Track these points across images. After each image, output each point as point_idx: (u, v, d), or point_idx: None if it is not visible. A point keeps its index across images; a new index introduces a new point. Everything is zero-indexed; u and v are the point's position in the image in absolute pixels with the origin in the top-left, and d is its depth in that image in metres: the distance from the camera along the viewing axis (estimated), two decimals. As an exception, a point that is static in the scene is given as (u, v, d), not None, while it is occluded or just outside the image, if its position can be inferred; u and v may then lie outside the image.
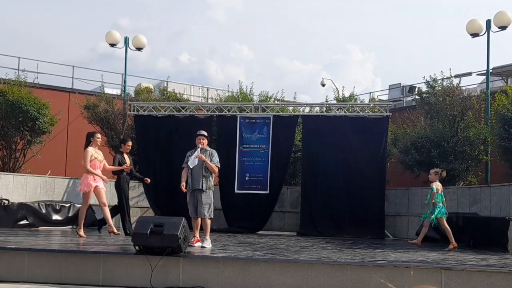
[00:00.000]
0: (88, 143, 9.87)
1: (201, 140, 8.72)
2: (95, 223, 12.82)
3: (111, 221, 9.97)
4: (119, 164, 10.39)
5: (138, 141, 14.07)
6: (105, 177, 9.96)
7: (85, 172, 9.67)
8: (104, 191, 9.91)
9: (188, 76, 70.69)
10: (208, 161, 8.52)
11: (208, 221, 8.50)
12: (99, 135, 10.03)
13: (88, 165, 9.61)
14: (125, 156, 10.64)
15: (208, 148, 8.79)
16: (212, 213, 8.65)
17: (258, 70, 63.32)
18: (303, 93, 67.66)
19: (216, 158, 8.68)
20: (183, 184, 8.63)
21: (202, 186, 8.45)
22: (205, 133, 8.88)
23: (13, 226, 11.72)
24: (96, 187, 9.71)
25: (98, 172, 9.74)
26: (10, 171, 13.58)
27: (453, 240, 9.33)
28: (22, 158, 14.16)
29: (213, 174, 8.67)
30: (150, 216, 11.55)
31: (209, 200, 8.53)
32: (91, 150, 9.74)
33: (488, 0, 53.05)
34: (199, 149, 8.60)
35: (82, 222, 9.84)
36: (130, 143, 10.85)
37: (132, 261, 6.66)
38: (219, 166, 8.75)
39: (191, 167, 8.52)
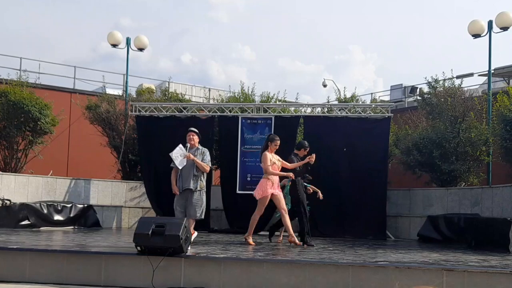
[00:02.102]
0: (265, 147, 9.31)
1: (191, 137, 8.38)
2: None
3: (291, 231, 9.31)
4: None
5: (140, 142, 14.09)
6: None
7: (264, 178, 9.13)
8: (282, 197, 9.31)
9: (189, 76, 70.80)
10: (198, 160, 8.21)
11: (193, 222, 8.15)
12: (278, 141, 9.38)
13: (269, 168, 9.07)
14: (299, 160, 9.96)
15: (199, 147, 8.46)
16: (203, 214, 8.37)
17: (260, 70, 63.37)
18: (305, 94, 67.85)
19: (207, 157, 8.38)
20: (176, 188, 8.36)
21: (193, 186, 8.18)
22: (196, 130, 8.55)
23: (14, 226, 11.74)
24: (272, 194, 9.15)
25: (276, 177, 9.20)
26: (12, 172, 13.60)
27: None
28: (24, 158, 14.18)
29: (204, 173, 8.39)
30: (152, 217, 11.54)
31: (200, 201, 8.27)
32: (268, 154, 9.17)
33: (490, 1, 53.06)
34: (187, 148, 8.30)
35: (253, 229, 9.43)
36: (308, 148, 10.07)
37: (134, 261, 6.67)
38: (210, 165, 8.46)
39: (179, 167, 8.21)
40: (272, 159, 9.14)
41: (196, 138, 8.42)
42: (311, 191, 10.44)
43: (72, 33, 54.56)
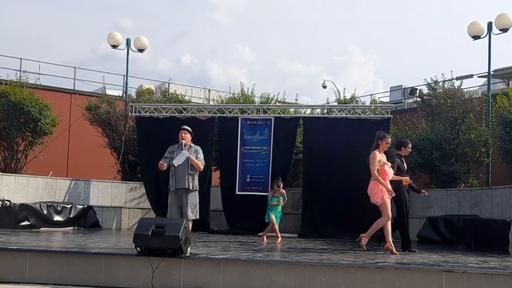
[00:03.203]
0: (376, 146, 8.63)
1: (184, 135, 8.18)
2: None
3: (390, 237, 8.55)
4: (399, 169, 8.96)
5: (140, 143, 14.10)
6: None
7: (372, 180, 8.47)
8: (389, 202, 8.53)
9: (189, 77, 70.78)
10: (194, 158, 8.05)
11: (190, 224, 7.94)
12: (389, 139, 8.69)
13: (375, 170, 8.37)
14: (403, 160, 9.28)
15: (192, 145, 8.28)
16: (198, 214, 8.18)
17: (260, 71, 63.40)
18: (305, 95, 67.80)
19: (201, 155, 8.21)
20: (162, 163, 8.10)
21: (189, 185, 8.00)
22: (189, 128, 8.36)
23: (14, 227, 11.75)
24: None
25: (388, 181, 8.47)
26: (11, 172, 13.61)
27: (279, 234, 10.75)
28: (24, 159, 14.20)
29: (198, 172, 8.20)
30: (152, 218, 11.56)
31: (195, 201, 8.10)
32: (378, 153, 8.48)
33: (489, 2, 53.12)
34: (182, 146, 8.13)
35: (390, 235, 8.52)
36: (410, 145, 9.45)
37: (134, 262, 6.68)
38: (204, 163, 8.27)
39: (175, 165, 8.02)
40: (382, 159, 8.54)
41: (188, 136, 8.25)
42: None
43: (72, 33, 54.61)
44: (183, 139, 8.19)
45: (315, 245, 9.89)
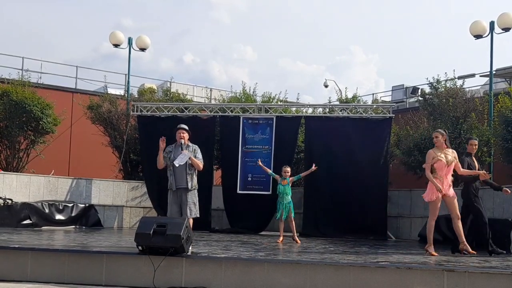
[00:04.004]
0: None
1: (182, 134, 8.10)
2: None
3: (463, 237, 8.39)
4: (468, 168, 8.58)
5: (141, 142, 14.11)
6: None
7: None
8: (455, 200, 8.29)
9: (191, 76, 70.77)
10: (194, 158, 8.00)
11: (191, 222, 7.81)
12: (436, 133, 8.34)
13: (428, 169, 8.19)
14: (473, 158, 8.90)
15: (190, 144, 8.19)
16: (198, 212, 8.09)
17: (261, 71, 63.36)
18: (306, 94, 67.76)
19: (199, 154, 8.13)
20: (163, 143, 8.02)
21: (188, 185, 7.95)
22: (186, 127, 8.29)
23: (16, 225, 11.78)
24: (444, 195, 8.22)
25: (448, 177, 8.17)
26: (13, 171, 13.64)
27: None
28: (26, 158, 14.24)
29: (196, 171, 8.14)
30: (153, 217, 11.55)
31: (194, 199, 8.03)
32: (431, 151, 8.25)
33: (491, 1, 53.07)
34: (182, 146, 8.04)
35: (432, 238, 8.35)
36: (475, 141, 9.05)
37: (135, 261, 6.69)
38: (202, 162, 8.17)
39: (176, 165, 7.93)
40: (439, 156, 8.23)
41: (186, 136, 8.17)
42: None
43: (73, 33, 54.60)
44: (182, 138, 8.11)
45: (316, 244, 9.89)
